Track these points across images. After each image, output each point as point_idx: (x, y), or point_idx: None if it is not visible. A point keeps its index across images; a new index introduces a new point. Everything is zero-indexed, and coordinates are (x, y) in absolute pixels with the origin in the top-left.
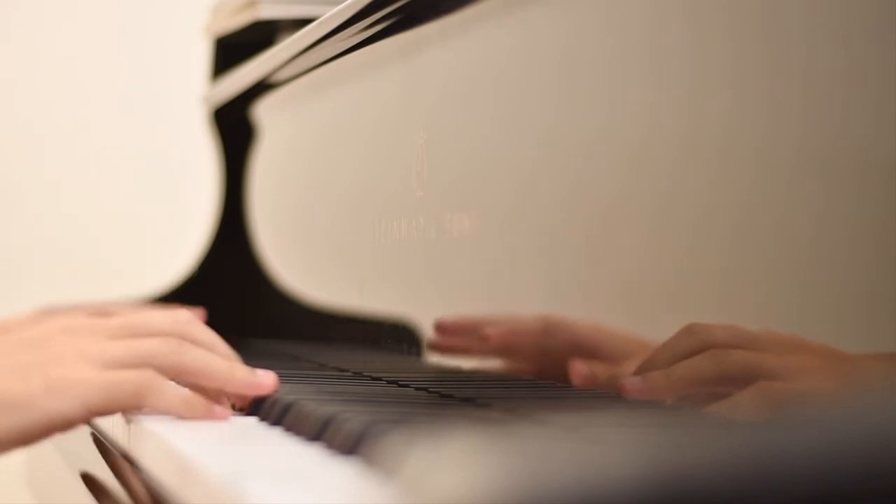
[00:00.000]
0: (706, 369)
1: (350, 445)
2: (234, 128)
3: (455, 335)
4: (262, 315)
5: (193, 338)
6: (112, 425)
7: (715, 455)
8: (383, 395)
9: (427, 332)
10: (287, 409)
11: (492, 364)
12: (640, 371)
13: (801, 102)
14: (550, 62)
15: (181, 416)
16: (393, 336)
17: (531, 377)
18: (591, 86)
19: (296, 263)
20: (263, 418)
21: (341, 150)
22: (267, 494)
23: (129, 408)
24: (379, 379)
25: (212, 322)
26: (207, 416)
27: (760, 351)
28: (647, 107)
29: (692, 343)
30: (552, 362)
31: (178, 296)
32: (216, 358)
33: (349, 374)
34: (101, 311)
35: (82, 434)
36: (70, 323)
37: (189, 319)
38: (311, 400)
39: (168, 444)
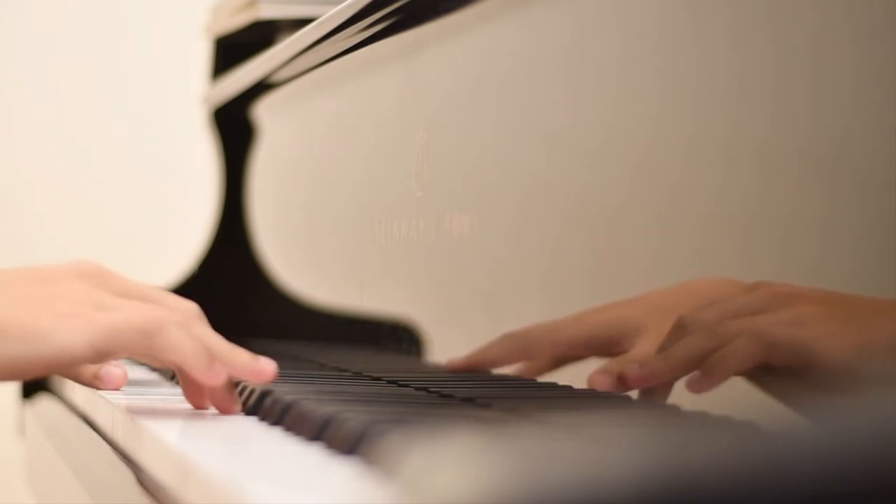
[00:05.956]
0: (701, 344)
1: (350, 445)
2: (234, 128)
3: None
4: (262, 315)
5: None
6: (112, 425)
7: (715, 455)
8: (383, 395)
9: (427, 332)
10: (287, 409)
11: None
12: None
13: (807, 103)
14: (550, 62)
15: (185, 365)
16: (393, 336)
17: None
18: (591, 86)
19: (296, 263)
20: (263, 418)
21: (341, 150)
22: (267, 494)
23: (136, 349)
24: (379, 379)
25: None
26: (209, 371)
27: (753, 313)
28: (648, 108)
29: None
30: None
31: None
32: (220, 337)
33: (349, 374)
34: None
35: (82, 433)
36: (88, 270)
37: (200, 312)
38: (311, 400)
39: (168, 443)
